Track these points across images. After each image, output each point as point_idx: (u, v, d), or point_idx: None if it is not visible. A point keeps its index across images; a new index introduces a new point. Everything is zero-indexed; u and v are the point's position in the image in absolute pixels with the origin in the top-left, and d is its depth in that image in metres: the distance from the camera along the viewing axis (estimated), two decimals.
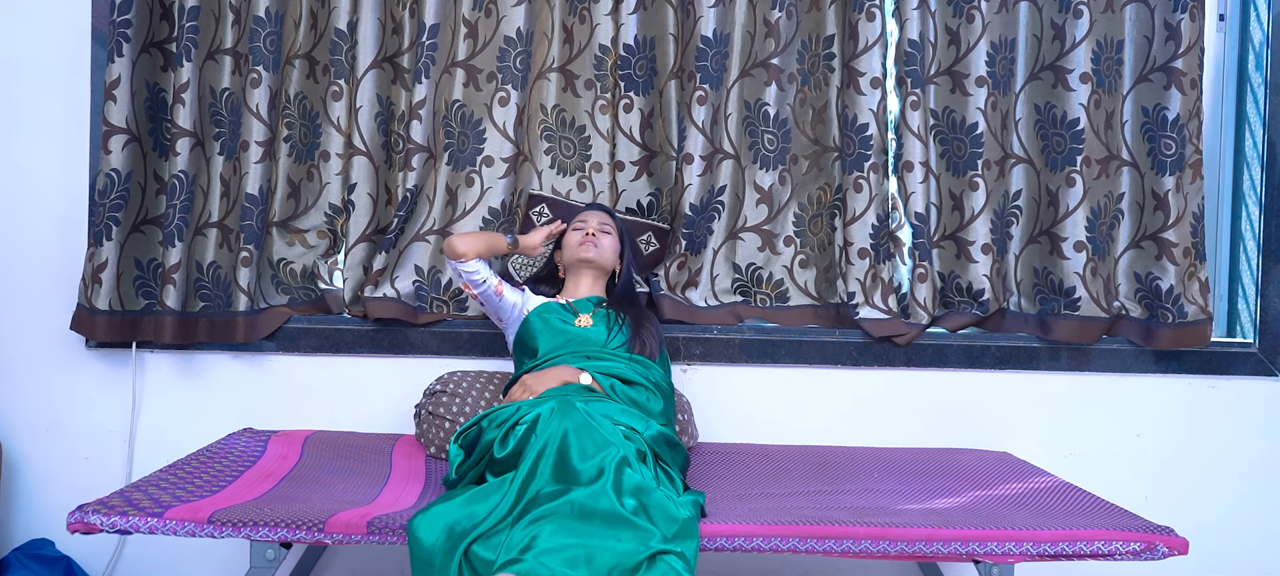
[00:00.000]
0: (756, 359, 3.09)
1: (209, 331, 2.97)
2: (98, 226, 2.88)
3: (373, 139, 3.02)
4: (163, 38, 2.97)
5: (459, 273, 2.82)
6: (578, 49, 3.06)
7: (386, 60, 3.04)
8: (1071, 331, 3.03)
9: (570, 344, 2.73)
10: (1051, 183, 3.05)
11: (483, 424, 2.40)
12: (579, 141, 3.09)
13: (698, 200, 3.02)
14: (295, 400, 3.06)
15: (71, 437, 3.06)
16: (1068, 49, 3.01)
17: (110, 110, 2.86)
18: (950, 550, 2.16)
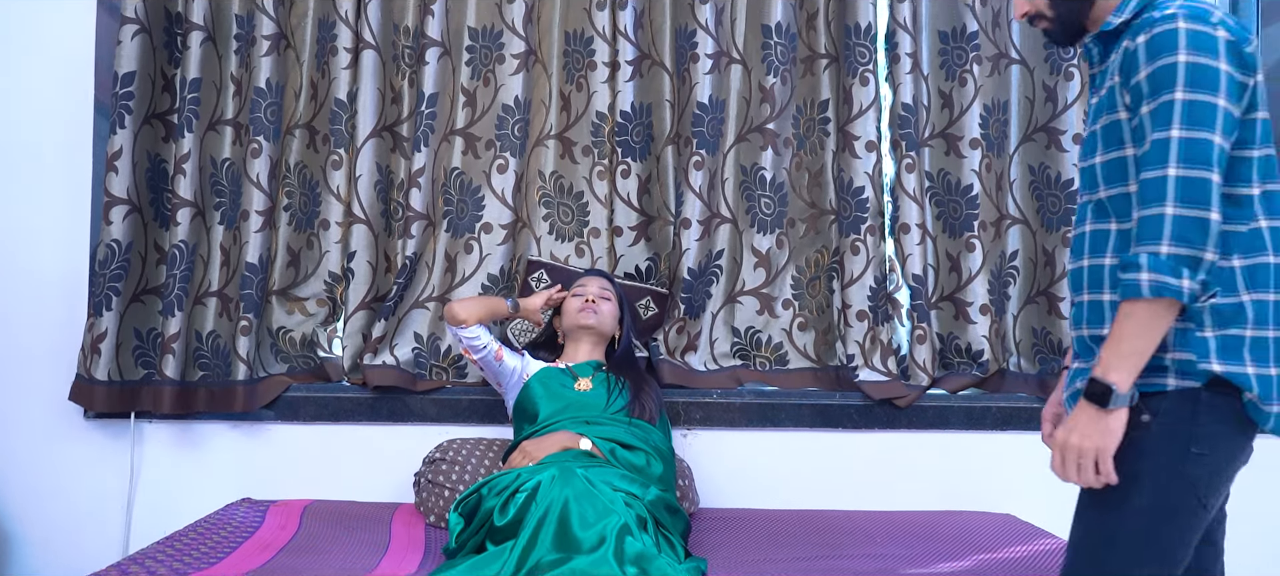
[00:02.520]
0: (757, 423, 3.08)
1: (208, 401, 2.97)
2: (98, 296, 2.89)
3: (372, 207, 3.04)
4: (164, 109, 3.00)
5: (460, 338, 2.82)
6: (575, 116, 3.09)
7: (386, 129, 3.07)
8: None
9: (570, 408, 2.72)
10: (1048, 243, 3.06)
11: (482, 491, 2.39)
12: (577, 207, 3.11)
13: (696, 264, 3.03)
14: (294, 469, 3.05)
15: (69, 508, 3.04)
16: (1060, 110, 3.04)
17: (112, 181, 2.88)
18: None
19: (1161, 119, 1.62)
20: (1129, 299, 1.62)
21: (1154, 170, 1.61)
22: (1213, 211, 1.59)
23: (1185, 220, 1.59)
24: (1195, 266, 1.59)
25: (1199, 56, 1.61)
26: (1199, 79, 1.61)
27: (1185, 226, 1.59)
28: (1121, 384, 1.62)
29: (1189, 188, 1.59)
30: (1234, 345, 1.66)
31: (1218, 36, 1.62)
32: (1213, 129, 1.60)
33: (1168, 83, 1.62)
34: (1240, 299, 1.67)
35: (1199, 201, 1.59)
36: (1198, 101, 1.60)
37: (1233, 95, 1.62)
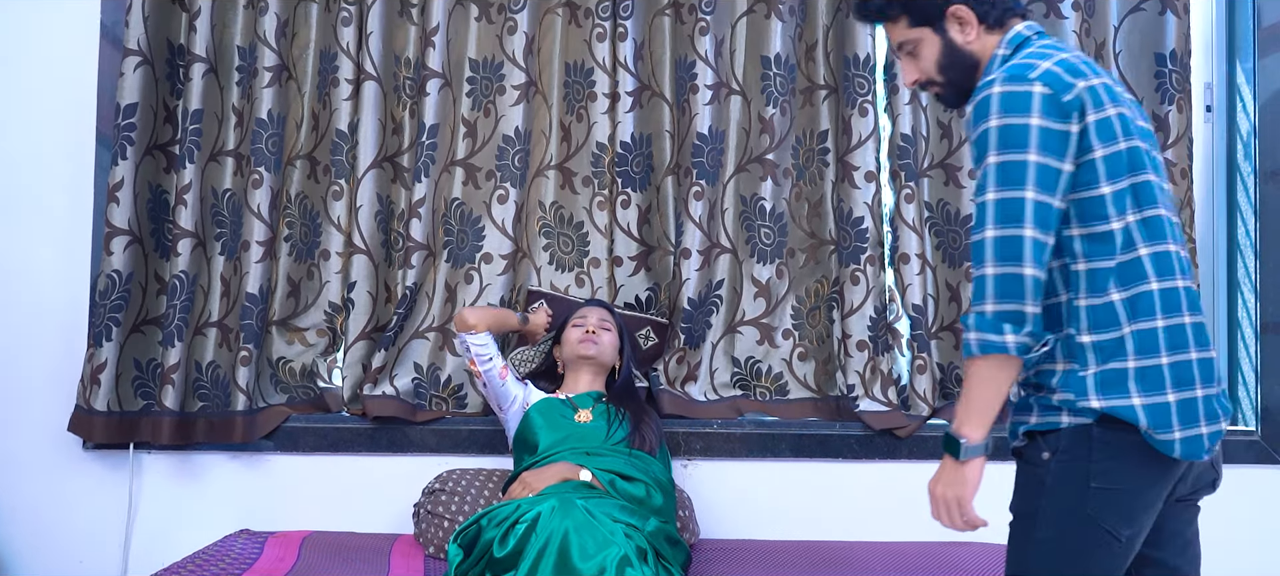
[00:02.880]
0: (757, 453, 3.07)
1: (207, 431, 2.96)
2: (98, 327, 2.89)
3: (372, 237, 3.04)
4: (166, 140, 3.01)
5: (467, 347, 2.81)
6: (575, 147, 3.10)
7: (386, 160, 3.08)
8: None
9: (570, 439, 2.72)
10: None
11: (482, 522, 2.38)
12: (577, 237, 3.12)
13: (696, 294, 3.03)
14: (293, 500, 3.04)
15: (67, 540, 3.02)
16: None
17: (113, 212, 2.89)
18: None
19: (981, 183, 1.72)
20: (968, 357, 1.73)
21: (977, 232, 1.71)
22: (1027, 267, 1.67)
23: (1003, 277, 1.68)
24: (1019, 321, 1.68)
25: (1009, 117, 1.69)
26: (1009, 140, 1.69)
27: (1004, 284, 1.68)
28: (972, 436, 1.75)
29: (1004, 246, 1.68)
30: (1116, 379, 1.71)
31: (1032, 92, 1.70)
32: (1023, 186, 1.68)
33: (984, 148, 1.71)
34: (1122, 332, 1.71)
35: (1013, 258, 1.67)
36: (1008, 162, 1.69)
37: (1050, 147, 1.69)
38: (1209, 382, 1.75)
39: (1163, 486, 1.76)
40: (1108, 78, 1.83)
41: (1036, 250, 1.68)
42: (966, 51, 1.88)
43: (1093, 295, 1.74)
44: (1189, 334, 1.74)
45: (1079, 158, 1.72)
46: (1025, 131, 1.69)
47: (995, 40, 1.87)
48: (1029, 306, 1.68)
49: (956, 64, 1.89)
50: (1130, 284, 1.73)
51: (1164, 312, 1.72)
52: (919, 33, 1.90)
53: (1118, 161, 1.73)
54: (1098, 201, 1.72)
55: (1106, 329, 1.72)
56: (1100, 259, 1.73)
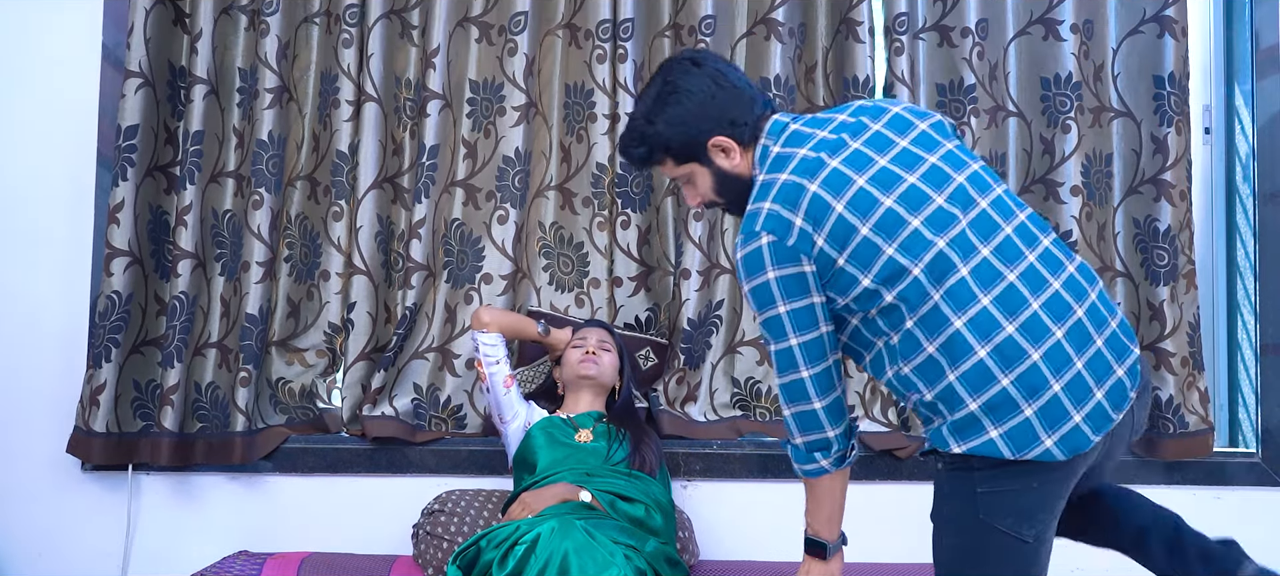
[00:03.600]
0: (757, 474, 3.06)
1: (206, 452, 2.96)
2: (97, 348, 2.88)
3: (372, 258, 3.04)
4: (167, 162, 3.02)
5: (477, 344, 2.81)
6: (575, 167, 3.11)
7: (387, 181, 3.08)
8: None
9: (571, 459, 2.72)
10: None
11: (481, 543, 2.38)
12: (577, 258, 3.12)
13: (696, 315, 3.03)
14: (292, 521, 3.03)
15: (65, 562, 3.01)
16: (1057, 163, 3.05)
17: (113, 233, 2.89)
18: None
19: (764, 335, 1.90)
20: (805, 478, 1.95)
21: (775, 378, 1.91)
22: (815, 402, 1.86)
23: (799, 415, 1.89)
24: (825, 447, 1.89)
25: (753, 279, 1.85)
26: (761, 299, 1.85)
27: (801, 420, 1.89)
28: (831, 537, 1.99)
29: (790, 391, 1.88)
30: (968, 421, 1.79)
31: (760, 247, 1.83)
32: (786, 336, 1.84)
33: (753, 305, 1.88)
34: (949, 380, 1.79)
35: (800, 398, 1.87)
36: (767, 319, 1.86)
37: (792, 292, 1.83)
38: (1065, 367, 1.76)
39: (1056, 485, 1.81)
40: (844, 135, 1.91)
41: (817, 383, 1.86)
42: (735, 176, 1.98)
43: (913, 357, 1.83)
44: (1020, 338, 1.75)
45: (826, 276, 1.84)
46: (767, 288, 1.84)
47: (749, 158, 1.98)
48: (830, 431, 1.89)
49: (729, 187, 2.00)
50: (936, 332, 1.79)
51: (981, 339, 1.76)
52: (687, 168, 2.02)
53: (866, 251, 1.81)
54: (867, 292, 1.83)
55: (936, 381, 1.80)
56: (901, 325, 1.83)
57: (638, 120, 2.02)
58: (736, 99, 1.97)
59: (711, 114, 1.96)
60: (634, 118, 2.04)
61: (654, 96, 1.99)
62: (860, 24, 3.00)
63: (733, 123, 1.96)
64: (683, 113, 1.96)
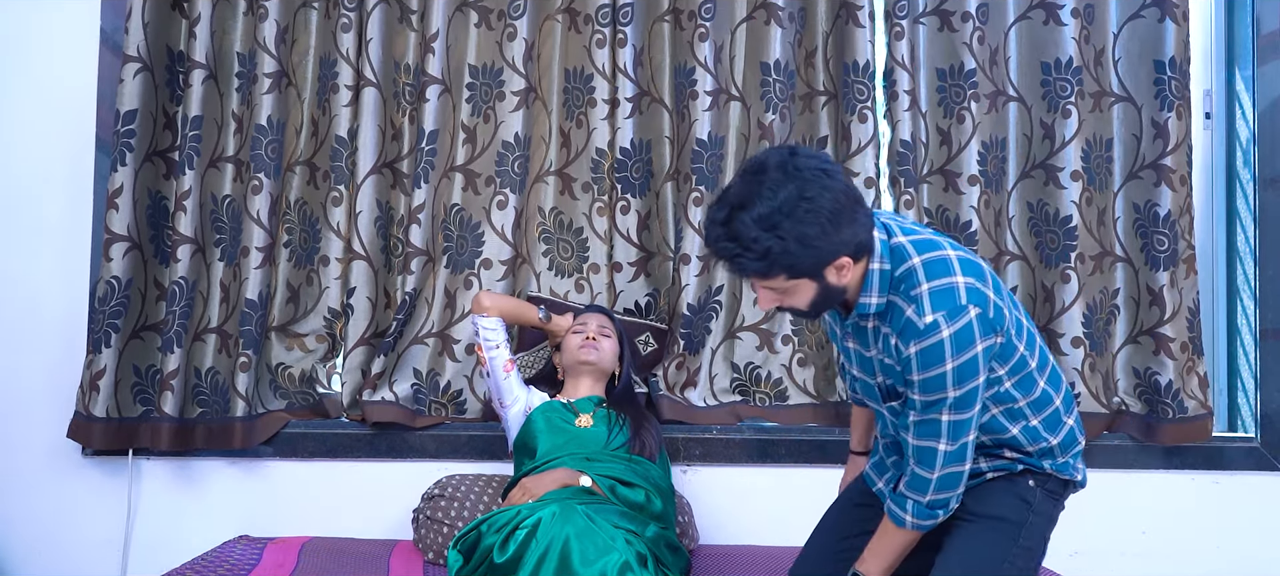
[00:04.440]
0: (756, 459, 3.07)
1: (206, 437, 2.96)
2: (97, 333, 2.88)
3: (372, 243, 3.04)
4: (165, 147, 3.01)
5: (477, 328, 2.81)
6: (575, 153, 3.10)
7: (386, 166, 3.08)
8: None
9: (571, 444, 2.72)
10: (1047, 279, 3.07)
11: (482, 528, 2.38)
12: (577, 243, 3.12)
13: (695, 300, 3.03)
14: (292, 506, 3.03)
15: (66, 547, 3.02)
16: (1058, 148, 3.05)
17: (112, 218, 2.89)
18: None
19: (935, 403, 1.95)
20: (898, 527, 2.04)
21: (927, 439, 1.97)
22: (965, 465, 2.00)
23: (948, 477, 1.99)
24: (946, 504, 2.02)
25: (961, 355, 1.90)
26: (965, 373, 1.91)
27: (948, 481, 1.99)
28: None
29: (953, 457, 1.98)
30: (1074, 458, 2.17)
31: (970, 320, 1.89)
32: (973, 407, 1.94)
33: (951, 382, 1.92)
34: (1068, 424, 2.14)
35: (959, 462, 1.99)
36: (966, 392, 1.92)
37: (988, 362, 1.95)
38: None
39: None
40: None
41: (972, 450, 2.00)
42: (840, 288, 1.93)
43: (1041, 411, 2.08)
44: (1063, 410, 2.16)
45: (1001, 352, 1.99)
46: (975, 362, 1.91)
47: (863, 266, 1.95)
48: (959, 490, 2.01)
49: (829, 299, 1.95)
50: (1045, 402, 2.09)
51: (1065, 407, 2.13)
52: (795, 283, 1.89)
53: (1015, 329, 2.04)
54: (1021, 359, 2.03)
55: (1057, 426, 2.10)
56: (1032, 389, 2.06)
57: (754, 231, 1.80)
58: (862, 216, 1.89)
59: (843, 236, 1.85)
60: (744, 226, 1.81)
61: (781, 207, 1.79)
62: (860, 8, 2.99)
63: (860, 246, 1.90)
64: (817, 232, 1.81)
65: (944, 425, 1.93)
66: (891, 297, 1.93)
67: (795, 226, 1.80)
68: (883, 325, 1.97)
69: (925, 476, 1.97)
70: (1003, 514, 2.07)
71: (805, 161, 1.83)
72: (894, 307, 1.93)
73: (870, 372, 2.06)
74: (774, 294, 1.93)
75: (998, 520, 2.06)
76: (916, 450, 1.97)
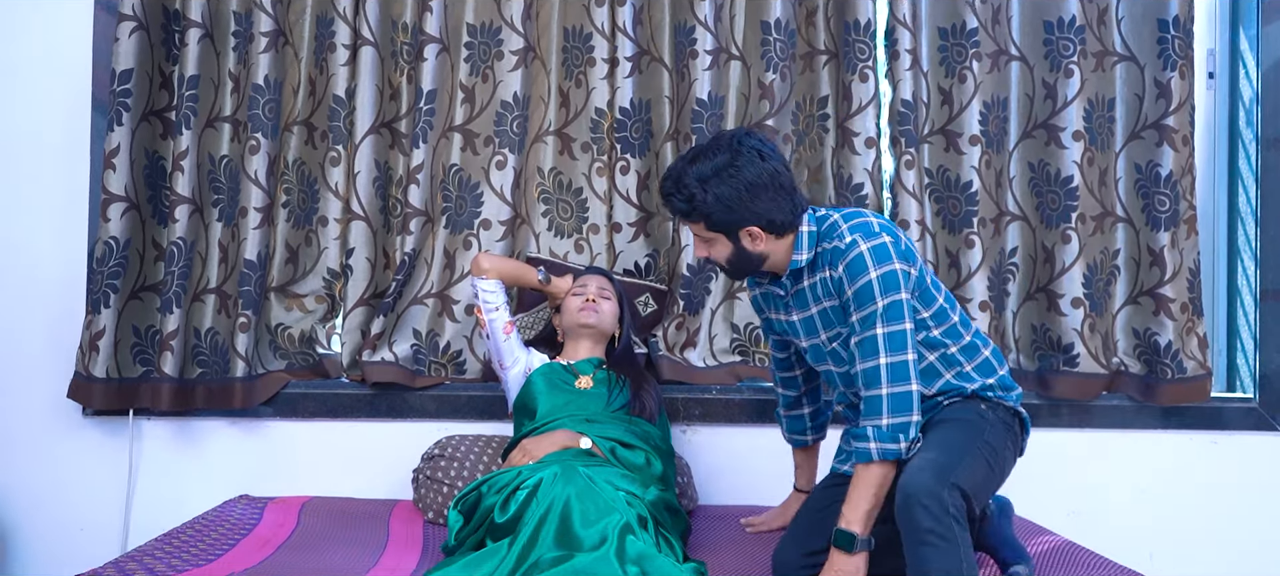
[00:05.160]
0: (756, 419, 3.07)
1: (206, 398, 2.96)
2: (96, 294, 2.88)
3: (371, 203, 3.03)
4: (162, 106, 2.99)
5: (476, 290, 2.81)
6: (574, 112, 3.09)
7: (384, 126, 3.06)
8: (1071, 388, 3.02)
9: (570, 405, 2.72)
10: (1047, 240, 3.06)
11: (482, 489, 2.39)
12: (576, 204, 3.11)
13: (695, 260, 3.03)
14: (292, 466, 3.05)
15: (67, 506, 3.04)
16: (1059, 107, 3.03)
17: (109, 178, 2.88)
18: None
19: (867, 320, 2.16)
20: (864, 463, 2.14)
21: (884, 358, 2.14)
22: (914, 383, 2.14)
23: (898, 396, 2.14)
24: (907, 429, 2.12)
25: (882, 266, 2.16)
26: (888, 284, 2.15)
27: (898, 401, 2.13)
28: (863, 532, 2.13)
29: (896, 371, 2.14)
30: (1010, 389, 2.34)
31: (885, 242, 2.17)
32: (903, 319, 2.15)
33: (877, 292, 2.16)
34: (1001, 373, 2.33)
35: (904, 378, 2.13)
36: (891, 303, 2.15)
37: (907, 283, 2.18)
38: None
39: None
40: None
41: (916, 368, 2.16)
42: (754, 254, 2.27)
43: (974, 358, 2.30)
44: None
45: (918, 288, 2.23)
46: (894, 276, 2.15)
47: (788, 239, 2.26)
48: (914, 415, 2.13)
49: (746, 263, 2.29)
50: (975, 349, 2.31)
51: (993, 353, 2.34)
52: (713, 236, 2.26)
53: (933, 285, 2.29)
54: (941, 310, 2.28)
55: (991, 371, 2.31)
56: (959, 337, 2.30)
57: (690, 179, 2.21)
58: (784, 203, 2.22)
59: (757, 208, 2.20)
60: (686, 173, 2.22)
61: (714, 167, 2.19)
62: None
63: (771, 222, 2.22)
64: (733, 196, 2.19)
65: (880, 338, 2.14)
66: (819, 248, 2.25)
67: (718, 186, 2.19)
68: (816, 273, 2.27)
69: (876, 395, 2.14)
70: (963, 417, 2.22)
71: (747, 141, 2.22)
72: (822, 253, 2.24)
73: (815, 333, 2.34)
74: (700, 243, 2.31)
75: (959, 422, 2.21)
76: (863, 374, 2.16)
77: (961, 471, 2.07)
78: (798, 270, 2.29)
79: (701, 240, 2.30)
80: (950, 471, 2.05)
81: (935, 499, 2.00)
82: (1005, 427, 2.23)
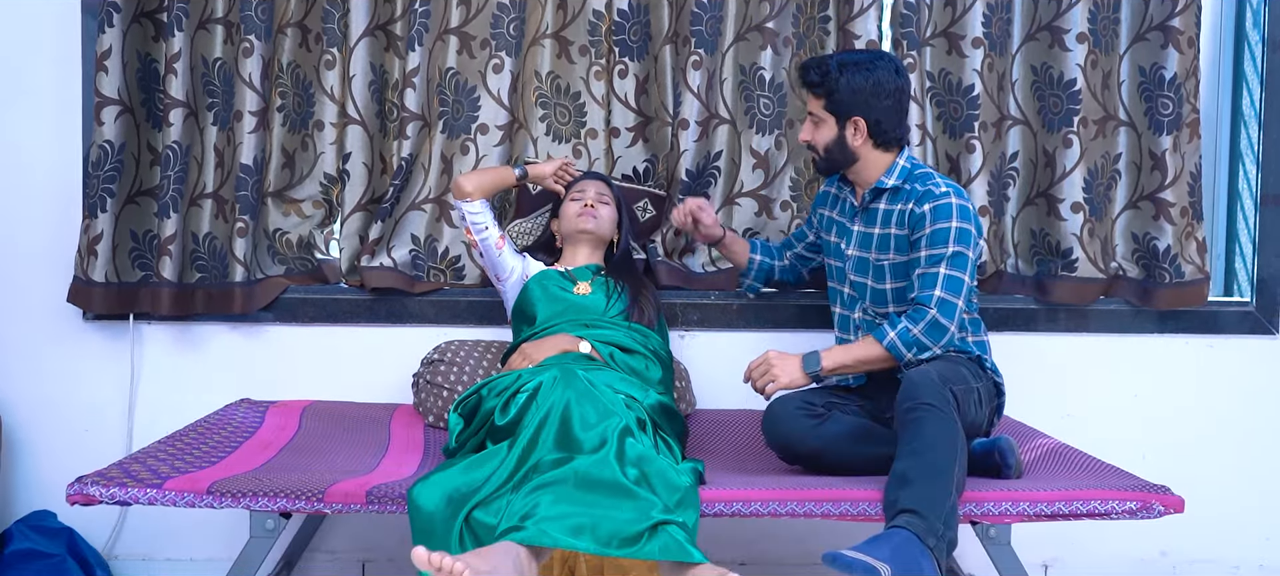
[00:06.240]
0: (754, 324, 3.09)
1: (206, 302, 2.97)
2: (92, 198, 2.87)
3: (367, 108, 3.01)
4: (153, 8, 2.95)
5: (463, 215, 2.81)
6: (571, 15, 3.04)
7: (379, 28, 3.02)
8: (1069, 292, 3.03)
9: (569, 311, 2.73)
10: (1048, 144, 3.04)
11: (482, 392, 2.40)
12: (574, 108, 3.08)
13: (693, 165, 3.01)
14: (293, 370, 3.06)
15: (71, 409, 3.06)
16: (1064, 9, 2.99)
17: (102, 81, 2.84)
18: None
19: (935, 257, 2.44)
20: (879, 339, 2.42)
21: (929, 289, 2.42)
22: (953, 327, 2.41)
23: (938, 329, 2.41)
24: (923, 350, 2.40)
25: (966, 222, 2.45)
26: (965, 238, 2.44)
27: (938, 332, 2.41)
28: (825, 371, 2.44)
29: (948, 309, 2.41)
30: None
31: (971, 206, 2.49)
32: (966, 271, 2.43)
33: (955, 238, 2.44)
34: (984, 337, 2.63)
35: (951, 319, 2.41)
36: (962, 255, 2.43)
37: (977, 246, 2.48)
38: None
39: None
40: None
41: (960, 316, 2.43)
42: (850, 148, 2.53)
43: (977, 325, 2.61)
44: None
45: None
46: (971, 234, 2.44)
47: (884, 156, 2.53)
48: (937, 349, 2.40)
49: (838, 151, 2.55)
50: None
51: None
52: (826, 116, 2.53)
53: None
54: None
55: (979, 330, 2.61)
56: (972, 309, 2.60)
57: (832, 61, 2.51)
58: (896, 116, 2.52)
59: (875, 105, 2.49)
60: (830, 58, 2.53)
61: (857, 60, 2.51)
62: None
63: (878, 125, 2.50)
64: (861, 85, 2.48)
65: (941, 276, 2.40)
66: (908, 183, 2.51)
67: (852, 74, 2.49)
68: (894, 203, 2.52)
69: (921, 310, 2.40)
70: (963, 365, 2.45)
71: (891, 57, 2.57)
72: (911, 189, 2.50)
73: (868, 248, 2.57)
74: (810, 124, 2.57)
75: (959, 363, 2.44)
76: (919, 296, 2.42)
77: (958, 390, 2.30)
78: (880, 190, 2.54)
79: (812, 121, 2.56)
80: (950, 383, 2.28)
81: (935, 387, 2.23)
82: (971, 371, 2.44)
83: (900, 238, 2.50)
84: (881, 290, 2.56)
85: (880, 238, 2.54)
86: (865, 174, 2.56)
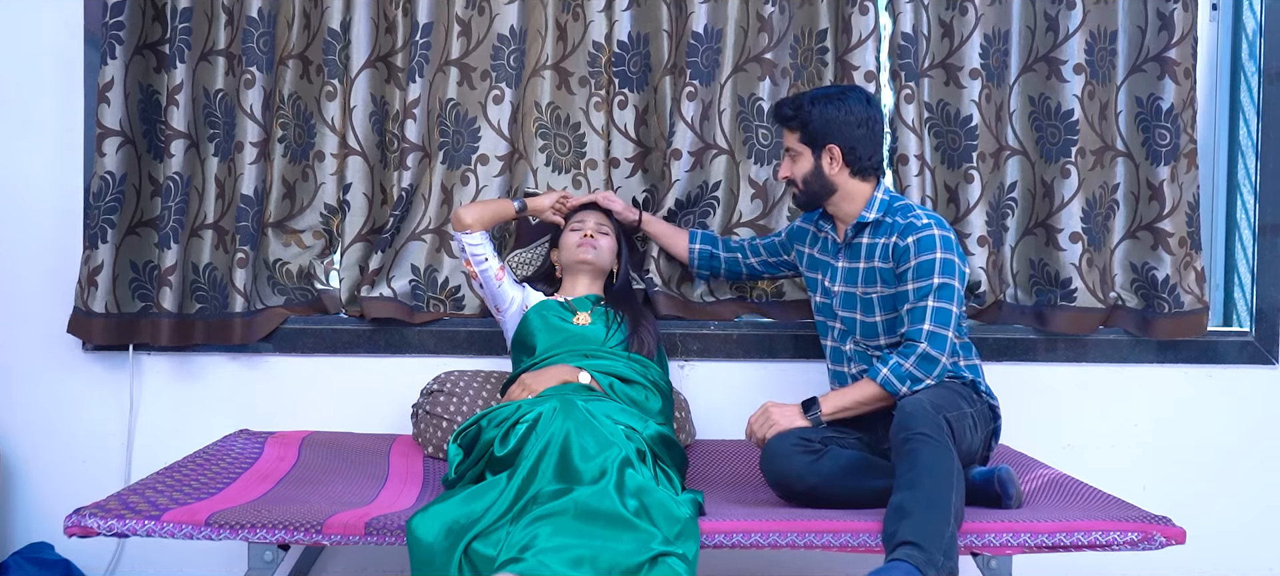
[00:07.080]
0: (753, 354, 3.09)
1: (206, 333, 2.97)
2: (93, 229, 2.88)
3: (367, 138, 3.02)
4: (155, 39, 2.97)
5: (463, 246, 2.81)
6: (572, 46, 3.06)
7: (380, 59, 3.03)
8: (1068, 322, 3.03)
9: (568, 342, 2.73)
10: (1046, 174, 3.05)
11: (482, 423, 2.40)
12: (574, 138, 3.09)
13: (684, 195, 3.02)
14: (292, 401, 3.06)
15: (69, 440, 3.06)
16: (1061, 40, 3.00)
17: (104, 113, 2.86)
18: None
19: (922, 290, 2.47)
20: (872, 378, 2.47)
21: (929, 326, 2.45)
22: (945, 358, 2.44)
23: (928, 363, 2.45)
24: (917, 383, 2.43)
25: (949, 253, 2.48)
26: (950, 270, 2.47)
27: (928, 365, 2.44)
28: (824, 416, 2.51)
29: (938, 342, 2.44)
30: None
31: (953, 237, 2.52)
32: (953, 301, 2.46)
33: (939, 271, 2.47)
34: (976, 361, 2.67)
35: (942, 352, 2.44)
36: (948, 287, 2.46)
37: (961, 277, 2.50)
38: None
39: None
40: None
41: (951, 346, 2.47)
42: (827, 178, 2.58)
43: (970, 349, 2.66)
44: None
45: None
46: (954, 265, 2.47)
47: (862, 187, 2.58)
48: (929, 380, 2.43)
49: (815, 182, 2.59)
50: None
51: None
52: (801, 148, 2.59)
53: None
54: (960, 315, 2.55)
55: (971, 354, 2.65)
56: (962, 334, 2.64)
57: (805, 97, 2.59)
58: (870, 144, 2.57)
59: (847, 132, 2.54)
60: (804, 94, 2.61)
61: (827, 93, 2.58)
62: None
63: (852, 151, 2.55)
64: (833, 115, 2.54)
65: (929, 310, 2.44)
66: (888, 216, 2.56)
67: (824, 106, 2.55)
68: (877, 237, 2.57)
69: (913, 344, 2.44)
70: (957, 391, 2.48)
71: (861, 89, 2.65)
72: (892, 223, 2.54)
73: (854, 282, 2.61)
74: (786, 160, 2.63)
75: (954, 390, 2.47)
76: (909, 331, 2.46)
77: (952, 416, 2.32)
78: (862, 224, 2.59)
79: (789, 156, 2.62)
80: (943, 410, 2.30)
81: (929, 416, 2.26)
82: (965, 394, 2.47)
83: (886, 270, 2.53)
84: (871, 323, 2.58)
85: (866, 272, 2.58)
86: (845, 206, 2.60)
